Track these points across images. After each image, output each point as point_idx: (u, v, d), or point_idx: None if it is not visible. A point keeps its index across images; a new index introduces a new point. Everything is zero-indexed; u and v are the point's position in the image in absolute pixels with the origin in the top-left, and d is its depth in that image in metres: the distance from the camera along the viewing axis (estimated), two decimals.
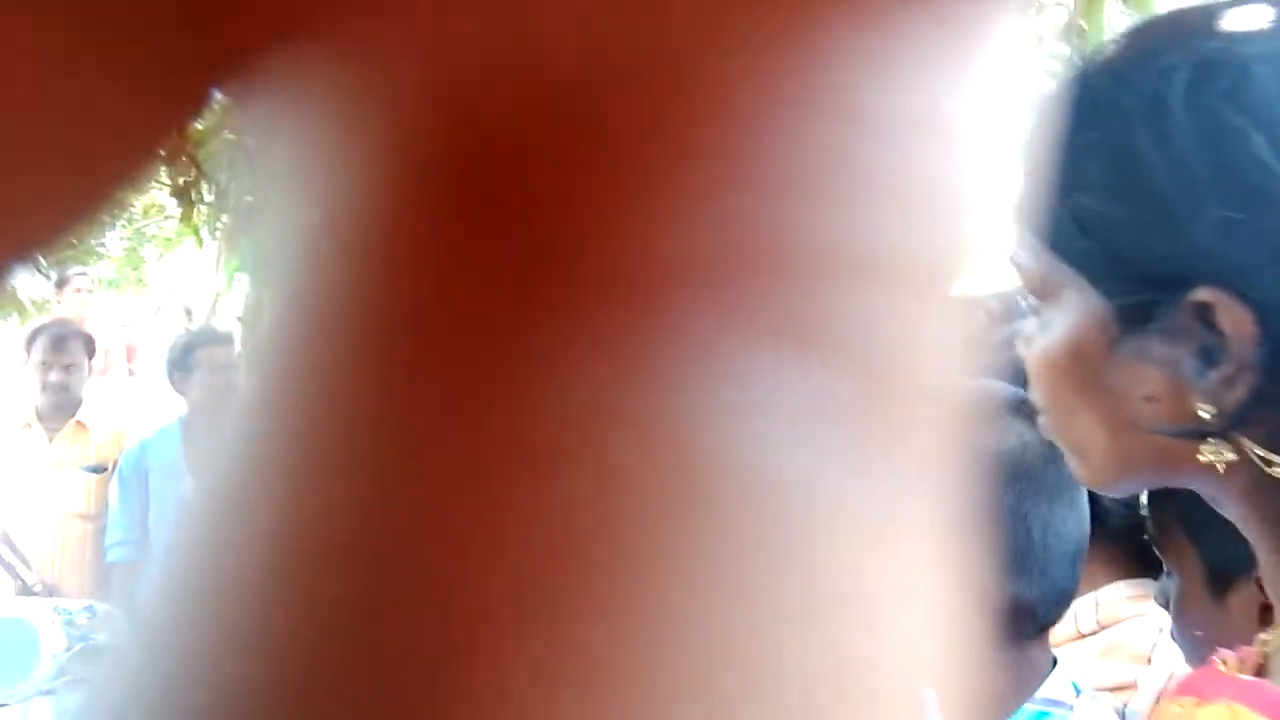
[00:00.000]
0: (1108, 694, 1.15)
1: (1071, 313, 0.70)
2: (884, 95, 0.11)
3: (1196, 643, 1.03)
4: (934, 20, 0.11)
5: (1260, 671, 0.69)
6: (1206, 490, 0.70)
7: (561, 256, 0.11)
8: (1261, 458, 0.63)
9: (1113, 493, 0.78)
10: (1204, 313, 0.65)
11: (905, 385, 0.12)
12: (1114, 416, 0.69)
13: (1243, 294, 0.63)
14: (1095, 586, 1.30)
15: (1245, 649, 0.72)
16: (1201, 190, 0.63)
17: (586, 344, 0.10)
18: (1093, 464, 0.72)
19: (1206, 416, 0.64)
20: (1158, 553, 1.08)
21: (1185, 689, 0.70)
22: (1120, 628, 1.23)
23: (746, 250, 0.11)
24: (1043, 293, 0.72)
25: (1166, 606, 1.08)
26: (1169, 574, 1.06)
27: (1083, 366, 0.70)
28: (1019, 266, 0.73)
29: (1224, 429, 0.64)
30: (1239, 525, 0.71)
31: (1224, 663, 0.72)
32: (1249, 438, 0.64)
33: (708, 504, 0.10)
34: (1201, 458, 0.66)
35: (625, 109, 0.11)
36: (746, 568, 0.10)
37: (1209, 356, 0.65)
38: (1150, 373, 0.67)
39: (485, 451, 0.10)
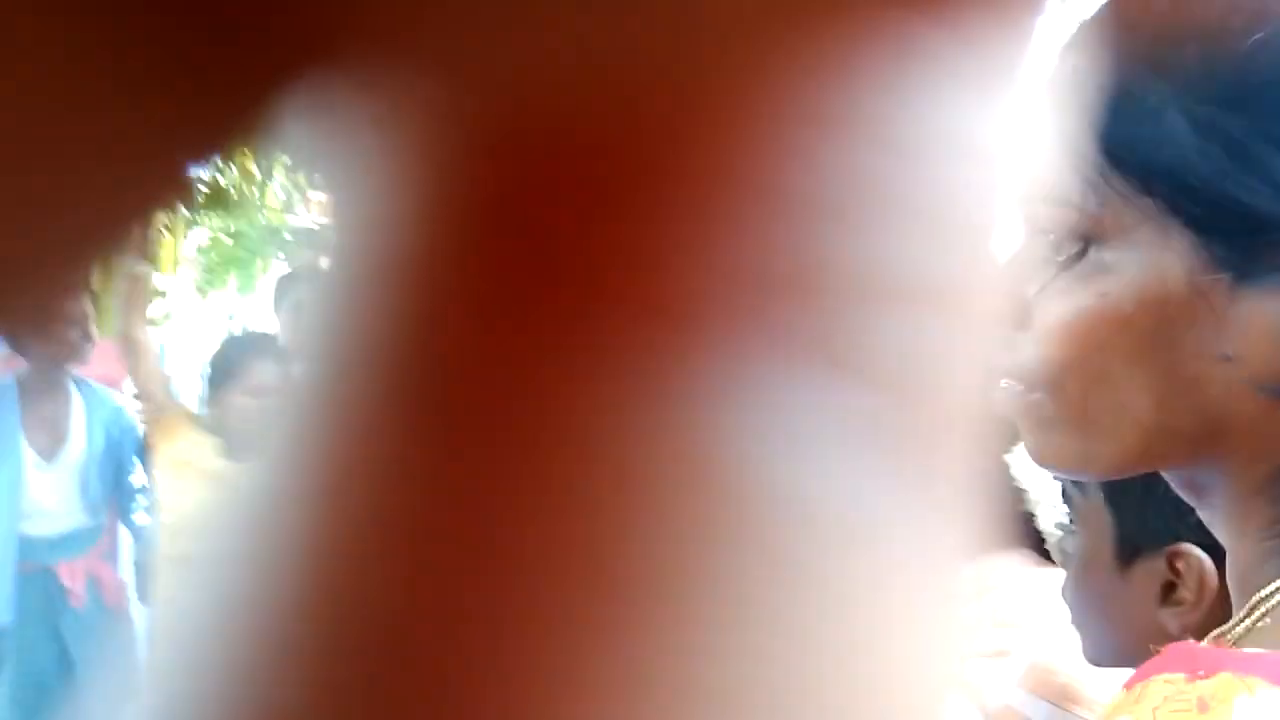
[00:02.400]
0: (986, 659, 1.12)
1: (1149, 254, 0.57)
2: (912, 116, 0.11)
3: (1088, 604, 1.00)
4: (960, 41, 0.11)
5: None
6: (1215, 477, 0.61)
7: (594, 276, 0.11)
8: None
9: (1119, 477, 0.68)
10: None
11: (936, 406, 0.11)
12: (1169, 380, 0.58)
13: None
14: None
15: (1205, 642, 0.63)
16: None
17: (618, 364, 0.10)
18: (1119, 442, 0.60)
19: None
20: (1067, 508, 1.03)
21: (1167, 665, 0.60)
22: (994, 596, 1.20)
23: (777, 272, 0.11)
24: (1101, 233, 0.59)
25: (1064, 564, 1.04)
26: (1073, 531, 1.02)
27: (1154, 319, 0.58)
28: (1065, 202, 0.60)
29: None
30: (1220, 514, 0.62)
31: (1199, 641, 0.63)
32: None
33: (738, 524, 0.10)
34: None
35: (656, 131, 0.11)
36: (775, 588, 0.10)
37: None
38: (1244, 325, 0.56)
39: (515, 469, 0.10)
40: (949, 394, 0.11)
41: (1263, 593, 0.60)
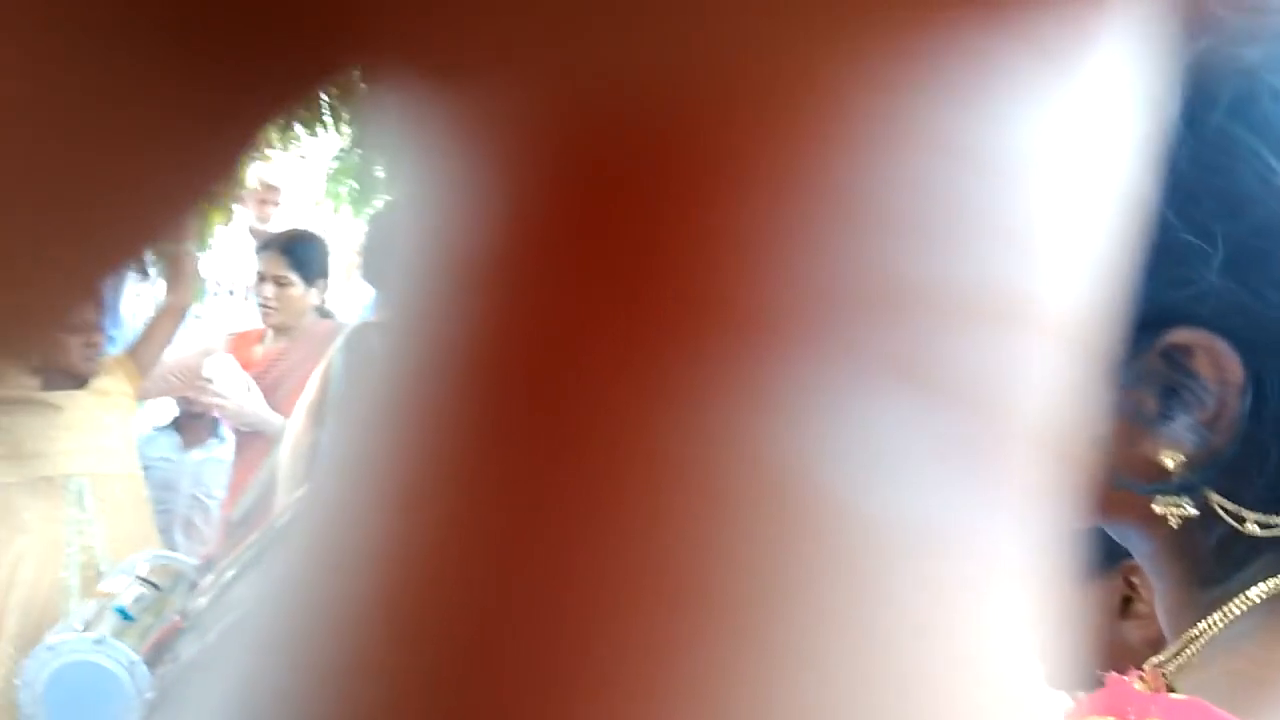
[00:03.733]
0: None
1: None
2: (993, 131, 0.11)
3: None
4: (1039, 55, 0.11)
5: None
6: (1130, 536, 0.65)
7: (674, 288, 0.10)
8: (1230, 512, 0.57)
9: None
10: (1178, 356, 0.56)
11: (1015, 425, 0.11)
12: None
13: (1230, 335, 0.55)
14: None
15: (1143, 672, 0.66)
16: (1205, 219, 0.54)
17: (695, 375, 0.10)
18: None
19: (1171, 465, 0.57)
20: None
21: (1099, 708, 0.62)
22: None
23: (857, 286, 0.11)
24: None
25: None
26: None
27: None
28: None
29: (1193, 481, 0.57)
30: (1146, 562, 0.66)
31: (1141, 680, 0.65)
32: (1217, 490, 0.57)
33: (815, 540, 0.10)
34: (1157, 508, 0.59)
35: (739, 143, 0.10)
36: (847, 602, 0.10)
37: (1178, 403, 0.57)
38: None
39: (588, 478, 0.10)
40: (1024, 409, 0.11)
41: (1192, 632, 0.64)
